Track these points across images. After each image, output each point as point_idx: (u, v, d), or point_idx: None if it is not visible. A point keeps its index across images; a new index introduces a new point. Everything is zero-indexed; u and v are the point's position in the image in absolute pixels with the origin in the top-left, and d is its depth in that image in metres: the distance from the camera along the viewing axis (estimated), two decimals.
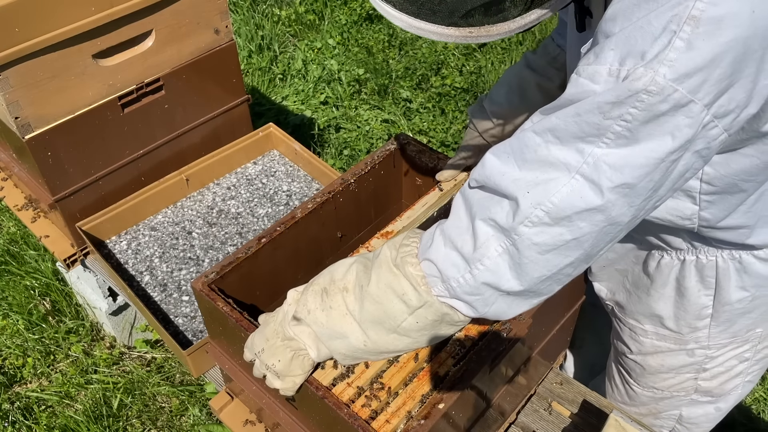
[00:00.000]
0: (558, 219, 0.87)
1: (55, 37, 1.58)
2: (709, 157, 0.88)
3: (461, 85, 3.66)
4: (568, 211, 0.86)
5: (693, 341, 1.38)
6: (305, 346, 1.08)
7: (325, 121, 3.46)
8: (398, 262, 1.00)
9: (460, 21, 0.89)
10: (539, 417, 1.47)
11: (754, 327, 1.32)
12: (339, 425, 1.10)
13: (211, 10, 1.88)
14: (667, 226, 1.19)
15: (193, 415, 2.30)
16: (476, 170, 0.96)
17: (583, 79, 0.85)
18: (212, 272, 1.31)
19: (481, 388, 1.20)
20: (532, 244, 0.89)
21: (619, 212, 0.86)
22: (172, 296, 1.79)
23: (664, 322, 1.38)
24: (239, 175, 2.14)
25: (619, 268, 1.42)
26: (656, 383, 1.51)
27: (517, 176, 0.89)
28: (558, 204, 0.86)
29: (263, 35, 3.95)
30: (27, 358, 2.47)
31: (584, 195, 0.85)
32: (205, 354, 1.46)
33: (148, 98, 1.88)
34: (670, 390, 1.51)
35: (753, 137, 0.97)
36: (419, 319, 1.01)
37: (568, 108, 0.85)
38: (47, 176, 1.77)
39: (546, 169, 0.87)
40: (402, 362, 1.16)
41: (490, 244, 0.92)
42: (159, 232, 1.97)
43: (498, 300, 0.97)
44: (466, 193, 0.98)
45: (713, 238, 1.18)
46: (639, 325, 1.43)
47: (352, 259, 1.08)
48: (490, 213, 0.92)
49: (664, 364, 1.46)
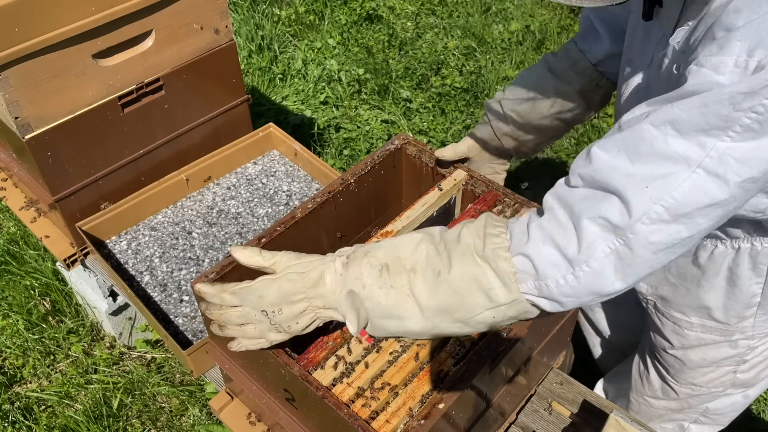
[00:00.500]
0: (678, 215, 0.84)
1: (55, 37, 1.58)
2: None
3: (461, 85, 3.66)
4: (689, 207, 0.83)
5: (738, 332, 1.40)
6: (345, 319, 1.01)
7: (325, 121, 3.46)
8: (487, 254, 0.94)
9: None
10: (539, 417, 1.47)
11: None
12: (339, 425, 1.10)
13: (211, 10, 1.88)
14: (733, 218, 1.19)
15: (193, 415, 2.30)
16: (579, 167, 0.92)
17: (706, 70, 0.83)
18: (212, 272, 1.30)
19: (481, 388, 1.20)
20: (648, 243, 0.85)
21: (736, 206, 0.85)
22: (172, 296, 1.79)
23: (712, 313, 1.38)
24: (239, 175, 2.14)
25: None
26: (695, 378, 1.52)
27: (630, 171, 0.85)
28: (679, 199, 0.83)
29: (263, 35, 3.95)
30: (27, 358, 2.47)
31: (708, 190, 0.82)
32: (205, 354, 1.46)
33: (148, 98, 1.88)
34: (709, 385, 1.53)
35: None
36: (497, 314, 0.96)
37: (691, 99, 0.82)
38: (47, 176, 1.77)
39: (663, 164, 0.83)
40: (402, 362, 1.16)
41: (597, 245, 0.88)
42: (159, 232, 1.97)
43: (588, 298, 0.93)
44: (562, 192, 0.93)
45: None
46: (685, 318, 1.43)
47: (417, 235, 1.01)
48: (599, 211, 0.87)
49: (706, 357, 1.47)
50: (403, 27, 4.17)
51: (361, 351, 1.18)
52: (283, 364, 1.14)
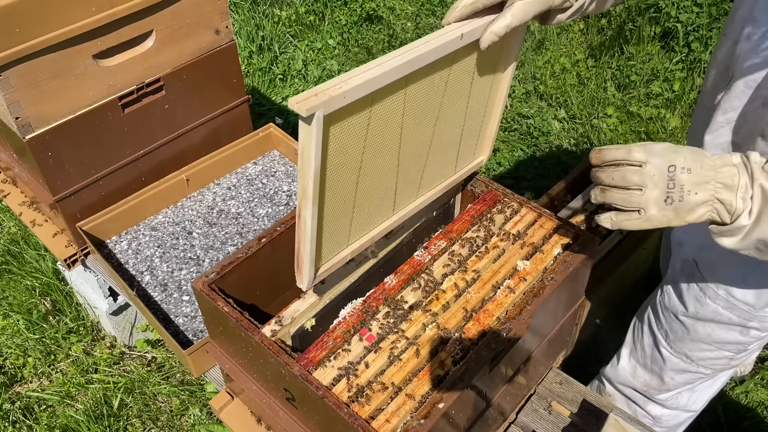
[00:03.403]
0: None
1: (56, 37, 1.58)
2: None
3: None
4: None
5: (757, 320, 1.39)
6: (740, 212, 0.97)
7: None
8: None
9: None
10: (539, 417, 1.47)
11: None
12: (339, 425, 1.10)
13: (211, 11, 1.88)
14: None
15: (193, 414, 2.30)
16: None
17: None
18: (212, 272, 1.31)
19: (481, 388, 1.20)
20: None
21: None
22: (172, 296, 1.79)
23: (743, 291, 1.37)
24: (239, 176, 2.14)
25: None
26: (692, 351, 1.51)
27: None
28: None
29: (264, 36, 3.95)
30: (27, 357, 2.47)
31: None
32: (205, 354, 1.46)
33: (149, 98, 1.88)
34: (700, 362, 1.52)
35: None
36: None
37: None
38: (48, 176, 1.77)
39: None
40: (402, 362, 1.16)
41: None
42: (159, 232, 1.97)
43: None
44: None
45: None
46: (712, 286, 1.41)
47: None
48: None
49: (712, 334, 1.46)
50: (403, 27, 4.17)
51: (361, 351, 1.18)
52: (284, 364, 1.15)
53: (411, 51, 1.08)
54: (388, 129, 1.17)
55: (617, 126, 3.39)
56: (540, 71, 3.73)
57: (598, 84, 3.61)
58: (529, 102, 3.57)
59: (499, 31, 1.10)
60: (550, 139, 3.35)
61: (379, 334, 1.21)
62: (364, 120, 1.09)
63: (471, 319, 1.23)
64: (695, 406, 1.74)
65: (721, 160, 0.99)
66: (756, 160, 0.98)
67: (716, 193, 0.97)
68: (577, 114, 3.47)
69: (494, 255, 1.35)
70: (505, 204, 1.45)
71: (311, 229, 1.11)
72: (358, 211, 1.22)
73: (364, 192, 1.20)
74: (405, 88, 1.13)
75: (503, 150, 3.30)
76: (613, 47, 3.81)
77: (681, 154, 0.98)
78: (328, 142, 1.04)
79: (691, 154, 0.99)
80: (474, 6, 1.12)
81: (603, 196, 1.03)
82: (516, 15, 1.09)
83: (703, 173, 0.97)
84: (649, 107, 3.44)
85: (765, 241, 0.97)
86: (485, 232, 1.39)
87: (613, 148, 1.02)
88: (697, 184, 0.97)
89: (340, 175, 1.12)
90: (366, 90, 1.02)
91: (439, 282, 1.30)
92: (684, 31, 3.69)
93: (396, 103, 1.14)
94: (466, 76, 1.26)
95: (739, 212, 0.97)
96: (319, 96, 0.96)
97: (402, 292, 1.28)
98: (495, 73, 1.33)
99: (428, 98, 1.21)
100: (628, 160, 1.00)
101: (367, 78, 1.01)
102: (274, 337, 1.22)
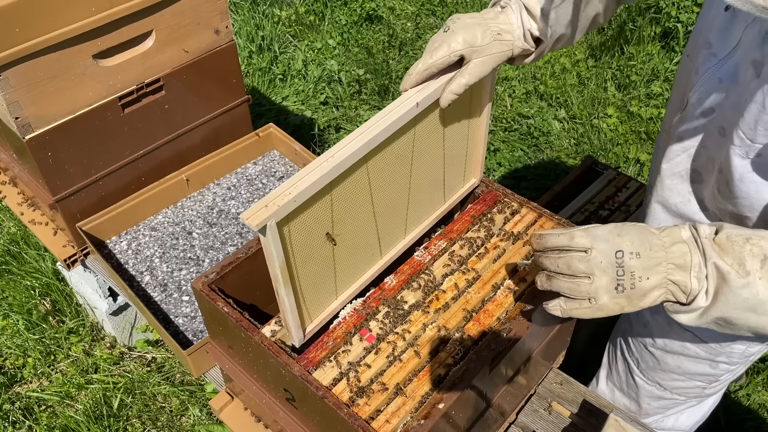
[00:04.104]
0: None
1: (56, 37, 1.58)
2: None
3: None
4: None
5: (725, 355, 1.37)
6: (696, 293, 0.93)
7: (325, 121, 3.46)
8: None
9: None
10: (539, 417, 1.47)
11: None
12: (339, 425, 1.10)
13: (211, 11, 1.88)
14: None
15: (193, 415, 2.30)
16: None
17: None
18: (212, 272, 1.31)
19: (481, 388, 1.20)
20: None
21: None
22: (172, 296, 1.79)
23: (709, 330, 1.33)
24: (239, 176, 2.14)
25: None
26: (663, 381, 1.50)
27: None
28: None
29: (264, 36, 3.95)
30: (27, 358, 2.47)
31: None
32: (205, 354, 1.46)
33: (149, 98, 1.88)
34: (673, 391, 1.50)
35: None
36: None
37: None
38: (47, 176, 1.77)
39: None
40: (402, 362, 1.16)
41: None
42: (159, 232, 1.97)
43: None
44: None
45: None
46: (677, 322, 1.40)
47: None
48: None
49: (681, 366, 1.44)
50: (403, 27, 4.17)
51: (361, 351, 1.18)
52: (284, 364, 1.14)
53: (365, 133, 1.08)
54: (355, 199, 1.15)
55: (617, 126, 3.39)
56: (540, 71, 3.73)
57: (598, 84, 3.61)
58: (529, 102, 3.57)
59: (457, 90, 1.14)
60: (551, 139, 3.35)
61: (379, 335, 1.21)
62: (326, 204, 1.09)
63: (471, 319, 1.23)
64: (684, 426, 1.69)
65: (670, 237, 0.95)
66: (706, 234, 0.94)
67: (669, 275, 0.94)
68: (578, 114, 3.47)
69: (494, 255, 1.35)
70: (505, 204, 1.45)
71: (289, 303, 1.13)
72: (342, 269, 1.23)
73: (344, 254, 1.20)
74: (366, 164, 1.12)
75: (503, 150, 3.30)
76: (613, 47, 3.81)
77: (627, 237, 0.94)
78: (290, 240, 1.06)
79: (638, 236, 0.95)
80: (428, 72, 1.13)
81: (549, 284, 1.00)
82: (473, 73, 1.13)
83: (652, 255, 0.93)
84: (649, 107, 3.44)
85: (725, 318, 0.93)
86: (485, 232, 1.39)
87: (554, 233, 0.99)
88: (648, 268, 0.93)
89: (311, 255, 1.12)
90: (318, 186, 1.03)
91: (439, 282, 1.30)
92: (684, 31, 3.69)
93: (359, 179, 1.13)
94: (435, 131, 1.24)
95: (695, 293, 0.93)
96: (269, 207, 0.97)
97: (402, 292, 1.28)
98: (470, 118, 1.31)
99: (395, 162, 1.20)
100: (571, 247, 0.97)
101: (318, 176, 1.02)
102: (274, 338, 1.22)
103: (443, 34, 1.13)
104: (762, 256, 0.90)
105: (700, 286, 0.92)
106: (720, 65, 1.17)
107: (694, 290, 0.93)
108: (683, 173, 1.32)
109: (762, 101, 1.05)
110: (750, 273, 0.89)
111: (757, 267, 0.89)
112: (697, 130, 1.25)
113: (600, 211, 2.22)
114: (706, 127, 1.23)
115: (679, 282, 0.93)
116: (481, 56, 1.13)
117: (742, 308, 0.91)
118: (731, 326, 0.93)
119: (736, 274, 0.90)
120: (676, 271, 0.93)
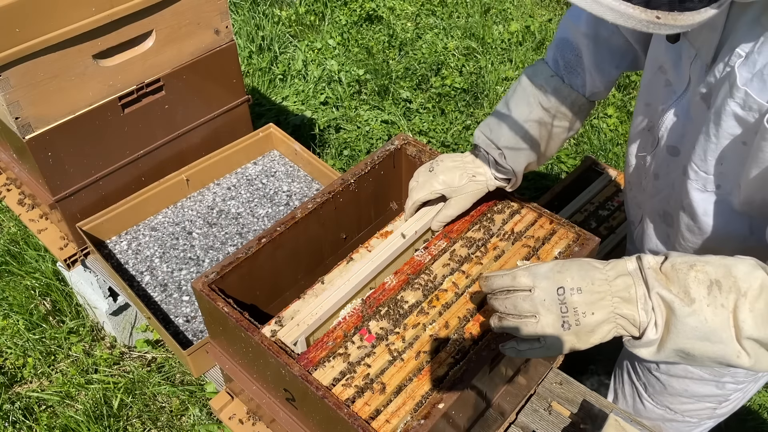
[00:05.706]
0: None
1: (56, 37, 1.58)
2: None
3: (461, 85, 3.66)
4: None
5: (730, 375, 1.36)
6: (645, 325, 0.90)
7: (325, 121, 3.46)
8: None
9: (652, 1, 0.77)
10: (539, 417, 1.47)
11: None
12: (339, 425, 1.10)
13: (211, 11, 1.88)
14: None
15: (193, 414, 2.30)
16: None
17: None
18: (212, 272, 1.31)
19: (481, 388, 1.20)
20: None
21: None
22: (172, 296, 1.79)
23: None
24: (239, 176, 2.14)
25: None
26: (672, 404, 1.48)
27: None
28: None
29: (264, 36, 3.95)
30: (27, 358, 2.47)
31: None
32: (205, 354, 1.46)
33: (149, 98, 1.88)
34: (684, 414, 1.49)
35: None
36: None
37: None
38: (47, 176, 1.77)
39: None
40: (402, 362, 1.16)
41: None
42: (159, 232, 1.97)
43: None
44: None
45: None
46: None
47: (752, 261, 0.89)
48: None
49: (687, 389, 1.43)
50: (403, 27, 4.17)
51: (361, 351, 1.18)
52: (283, 364, 1.14)
53: (371, 261, 1.35)
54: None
55: (617, 126, 3.39)
56: None
57: None
58: None
59: (444, 220, 1.39)
60: None
61: (379, 335, 1.21)
62: None
63: (471, 319, 1.23)
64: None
65: (614, 271, 0.92)
66: (650, 265, 0.91)
67: (615, 309, 0.91)
68: None
69: (494, 255, 1.35)
70: (505, 204, 1.45)
71: None
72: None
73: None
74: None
75: None
76: None
77: (568, 274, 0.93)
78: None
79: (579, 271, 0.93)
80: (415, 206, 1.40)
81: (500, 325, 1.00)
82: (455, 207, 1.37)
83: (595, 290, 0.91)
84: None
85: (684, 350, 0.89)
86: (485, 232, 1.39)
87: (498, 275, 0.99)
88: (592, 303, 0.91)
89: None
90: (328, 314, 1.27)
91: (439, 282, 1.30)
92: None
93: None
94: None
95: (644, 325, 0.90)
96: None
97: (402, 292, 1.28)
98: None
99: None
100: (514, 287, 0.96)
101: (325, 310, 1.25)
102: (274, 337, 1.22)
103: (427, 174, 1.37)
104: (707, 282, 0.87)
105: (648, 318, 0.89)
106: (678, 102, 1.17)
107: (643, 323, 0.90)
108: (659, 211, 1.31)
109: (707, 131, 1.04)
110: (695, 300, 0.86)
111: (703, 294, 0.86)
112: (668, 168, 1.25)
113: (600, 211, 2.22)
114: (674, 167, 1.23)
115: (628, 315, 0.91)
116: (459, 195, 1.36)
117: (694, 338, 0.87)
118: (692, 358, 0.90)
119: (680, 302, 0.87)
120: (623, 305, 0.91)
